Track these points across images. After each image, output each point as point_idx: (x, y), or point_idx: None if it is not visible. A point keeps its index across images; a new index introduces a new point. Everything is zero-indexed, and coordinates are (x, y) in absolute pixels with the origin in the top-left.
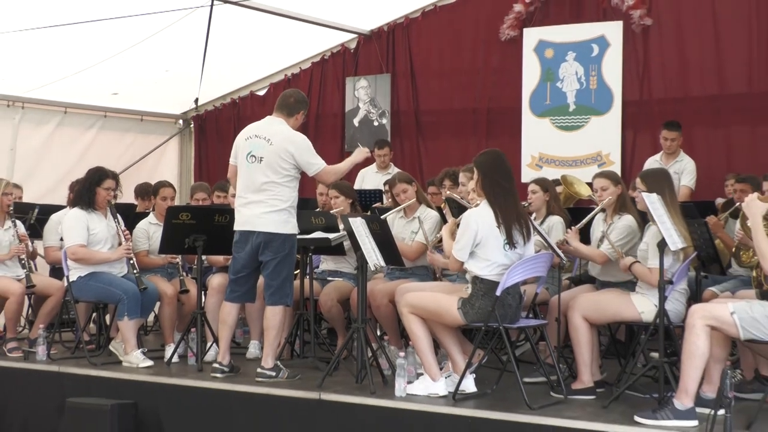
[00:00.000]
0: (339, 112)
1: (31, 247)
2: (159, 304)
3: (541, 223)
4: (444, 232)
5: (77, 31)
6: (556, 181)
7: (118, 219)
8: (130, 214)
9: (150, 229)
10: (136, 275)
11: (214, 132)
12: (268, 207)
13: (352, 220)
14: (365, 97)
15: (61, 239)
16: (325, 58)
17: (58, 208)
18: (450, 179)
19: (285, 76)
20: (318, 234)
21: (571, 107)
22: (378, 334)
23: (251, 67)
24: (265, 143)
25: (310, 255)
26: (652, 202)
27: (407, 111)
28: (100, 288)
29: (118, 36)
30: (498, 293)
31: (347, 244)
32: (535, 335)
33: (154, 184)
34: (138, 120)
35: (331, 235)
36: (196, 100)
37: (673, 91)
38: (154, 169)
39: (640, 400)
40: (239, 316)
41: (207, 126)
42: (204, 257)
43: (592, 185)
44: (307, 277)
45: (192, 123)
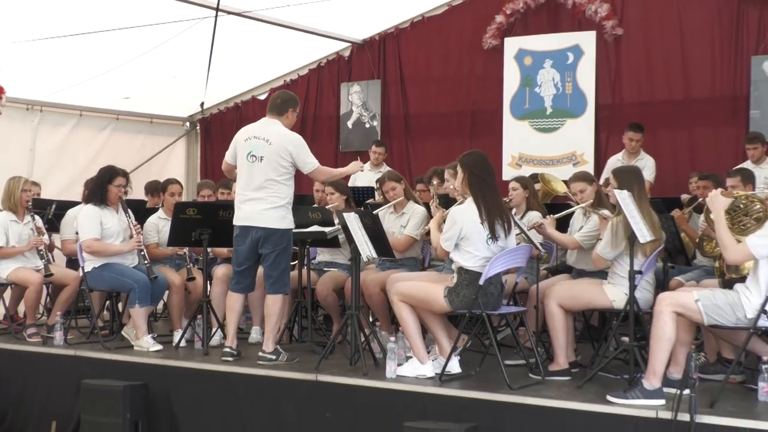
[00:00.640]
0: (334, 114)
1: (48, 240)
2: (167, 292)
3: (521, 218)
4: (432, 225)
5: (91, 40)
6: (535, 178)
7: (129, 214)
8: (141, 210)
9: (159, 223)
10: (147, 265)
11: (218, 133)
12: (268, 204)
13: (346, 215)
14: (358, 101)
15: (77, 233)
16: (321, 65)
17: (73, 204)
18: (438, 177)
19: (284, 81)
20: (315, 228)
21: (548, 111)
22: (370, 320)
23: (253, 74)
24: (265, 143)
25: (308, 247)
26: (623, 198)
27: (397, 114)
28: (113, 278)
29: (130, 45)
30: (481, 283)
31: (342, 237)
32: (515, 321)
33: (162, 182)
34: (148, 122)
35: (327, 229)
36: (202, 104)
37: (642, 96)
38: (162, 168)
39: (612, 380)
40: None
41: (212, 128)
42: (209, 249)
43: (569, 186)
44: (305, 267)
45: (198, 125)
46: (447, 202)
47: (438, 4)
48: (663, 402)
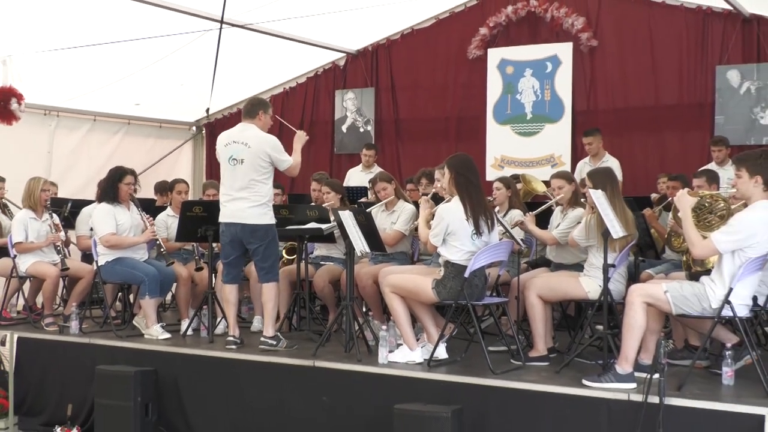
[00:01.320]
0: (330, 120)
1: (64, 236)
2: (175, 285)
3: (504, 216)
4: (420, 221)
5: (104, 50)
6: (516, 178)
7: (140, 208)
8: (150, 208)
9: (168, 220)
10: (164, 252)
11: None
12: (251, 202)
13: (341, 212)
14: (352, 107)
15: (91, 229)
16: (317, 73)
17: (88, 203)
18: (426, 178)
19: (283, 89)
20: (312, 225)
21: (529, 116)
22: (364, 310)
23: (254, 81)
24: (244, 147)
25: (306, 242)
26: (598, 197)
27: (388, 119)
28: (125, 271)
29: (140, 55)
30: (466, 275)
31: (337, 233)
32: (498, 311)
33: (170, 182)
34: (157, 127)
35: (323, 226)
36: (207, 110)
37: (615, 103)
38: (171, 169)
39: (587, 366)
40: (245, 295)
41: (216, 132)
42: (214, 244)
43: (549, 184)
44: (303, 261)
45: (203, 129)
46: (436, 200)
47: (426, 17)
48: (634, 385)
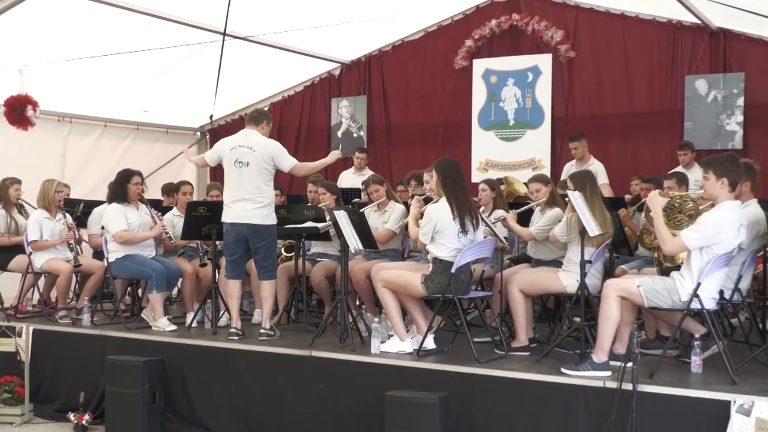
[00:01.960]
0: (326, 125)
1: (77, 234)
2: (181, 280)
3: (488, 215)
4: (409, 220)
5: (114, 60)
6: (500, 180)
7: (148, 206)
8: (158, 208)
9: (174, 219)
10: (173, 243)
11: None
12: (255, 204)
13: (336, 212)
14: (347, 114)
15: (102, 228)
16: (314, 82)
17: (99, 203)
18: (415, 180)
19: (282, 97)
20: (309, 224)
21: (511, 122)
22: (357, 303)
23: (255, 90)
24: (249, 151)
25: (303, 240)
26: (575, 198)
27: (380, 125)
28: (133, 267)
29: (148, 64)
30: (453, 271)
31: (333, 231)
32: (483, 304)
33: (176, 183)
34: (164, 132)
35: (319, 225)
36: (211, 116)
37: (591, 110)
38: (177, 172)
39: (566, 355)
40: (246, 290)
41: (220, 137)
42: (217, 242)
43: (528, 186)
44: (301, 258)
45: (207, 134)
46: (425, 201)
47: (415, 30)
48: (609, 373)
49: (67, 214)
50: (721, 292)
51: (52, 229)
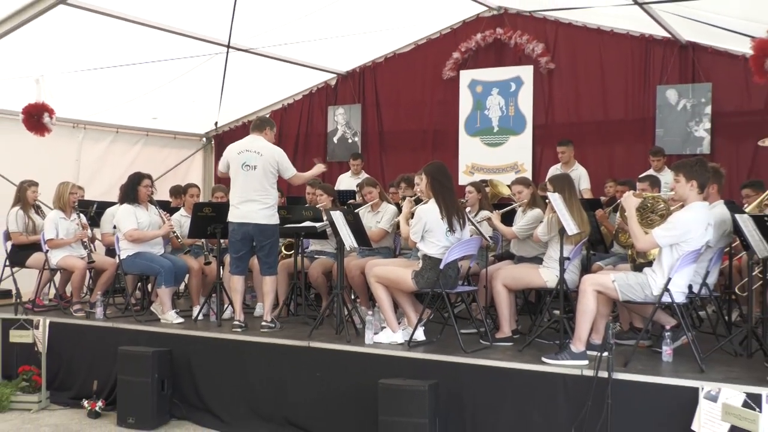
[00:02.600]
0: (322, 132)
1: (90, 233)
2: (188, 276)
3: (474, 215)
4: (401, 220)
5: (126, 70)
6: (485, 183)
7: (157, 206)
8: (166, 209)
9: (181, 219)
10: (180, 242)
11: None
12: (261, 205)
13: (333, 213)
14: (342, 121)
15: (114, 227)
16: (312, 91)
17: (111, 204)
18: (405, 182)
19: (282, 105)
20: (307, 223)
21: (495, 129)
22: (352, 297)
23: (257, 98)
24: (256, 155)
25: (302, 239)
26: (555, 200)
27: (373, 131)
28: (143, 264)
29: (157, 74)
30: (441, 267)
31: (329, 230)
32: (469, 298)
33: (183, 186)
34: (172, 138)
35: (317, 224)
36: (216, 123)
37: (570, 118)
38: (184, 175)
39: (546, 345)
40: (248, 285)
41: (224, 142)
42: (222, 241)
43: (511, 188)
44: (300, 255)
45: (212, 140)
46: (416, 202)
47: (406, 43)
48: (586, 362)
49: (81, 215)
50: (690, 287)
51: (67, 229)
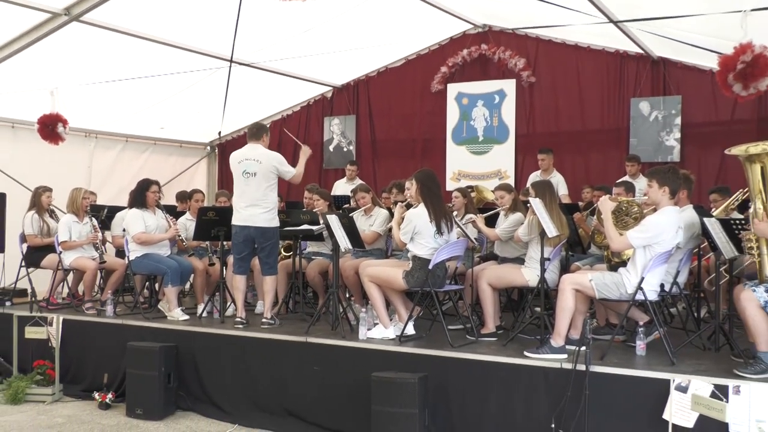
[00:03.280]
0: (319, 141)
1: (101, 236)
2: (193, 275)
3: (461, 219)
4: (393, 224)
5: (135, 83)
6: (471, 189)
7: (164, 211)
8: (172, 213)
9: (187, 223)
10: (185, 245)
11: None
12: (262, 209)
13: (329, 216)
14: (338, 131)
15: (124, 230)
16: (309, 103)
17: (121, 209)
18: (396, 188)
19: (281, 115)
20: (305, 226)
21: (480, 138)
22: (347, 295)
23: (258, 109)
24: (256, 163)
25: (300, 241)
26: (536, 204)
27: (367, 141)
28: (151, 264)
29: (164, 87)
30: (430, 267)
31: (326, 233)
32: (456, 296)
33: (189, 191)
34: (178, 146)
35: (314, 227)
36: (219, 132)
37: (550, 128)
38: (189, 181)
39: (528, 340)
40: (250, 284)
41: (227, 150)
42: (225, 243)
43: (494, 193)
44: (297, 256)
45: (216, 148)
46: (407, 206)
47: (398, 58)
48: (566, 356)
49: (93, 218)
50: (661, 285)
51: (79, 231)
